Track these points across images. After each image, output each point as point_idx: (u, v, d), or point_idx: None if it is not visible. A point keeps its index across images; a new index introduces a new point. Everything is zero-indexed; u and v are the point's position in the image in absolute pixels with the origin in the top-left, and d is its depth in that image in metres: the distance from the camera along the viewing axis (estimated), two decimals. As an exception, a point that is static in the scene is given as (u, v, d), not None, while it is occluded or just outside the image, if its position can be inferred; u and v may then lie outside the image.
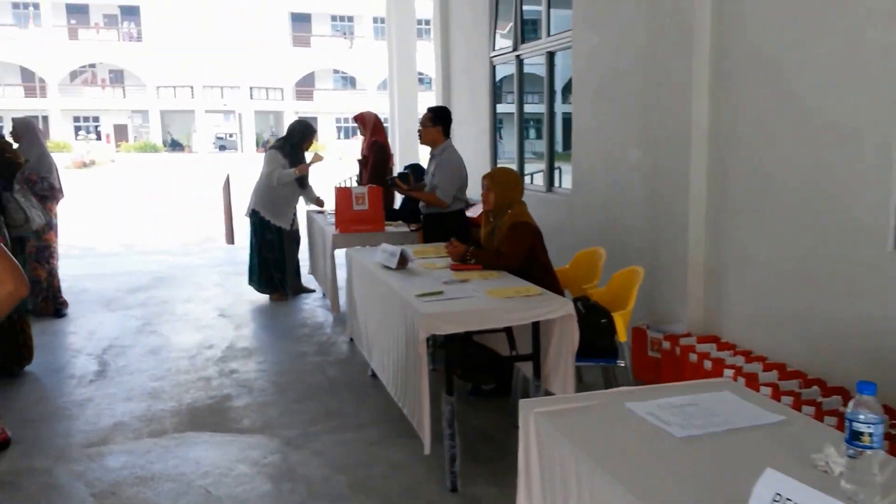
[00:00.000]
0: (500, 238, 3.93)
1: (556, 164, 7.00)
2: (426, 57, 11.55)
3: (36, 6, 40.47)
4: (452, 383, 3.20)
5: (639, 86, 4.91)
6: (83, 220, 13.58)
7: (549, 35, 6.67)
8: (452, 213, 5.28)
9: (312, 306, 6.72)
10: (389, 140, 7.59)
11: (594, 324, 3.45)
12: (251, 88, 44.11)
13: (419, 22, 12.76)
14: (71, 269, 8.12)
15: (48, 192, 6.12)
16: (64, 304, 6.46)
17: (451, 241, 4.19)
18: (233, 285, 7.58)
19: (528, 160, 7.67)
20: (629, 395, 2.19)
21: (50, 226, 6.25)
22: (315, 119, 42.44)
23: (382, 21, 14.67)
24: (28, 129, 6.26)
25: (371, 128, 7.00)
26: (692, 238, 4.26)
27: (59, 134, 39.84)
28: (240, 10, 42.05)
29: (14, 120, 6.41)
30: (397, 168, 8.57)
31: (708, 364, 3.70)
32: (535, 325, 3.34)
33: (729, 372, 3.55)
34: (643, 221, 4.83)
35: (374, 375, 4.43)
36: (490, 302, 3.29)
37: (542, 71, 6.96)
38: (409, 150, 10.66)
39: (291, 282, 6.98)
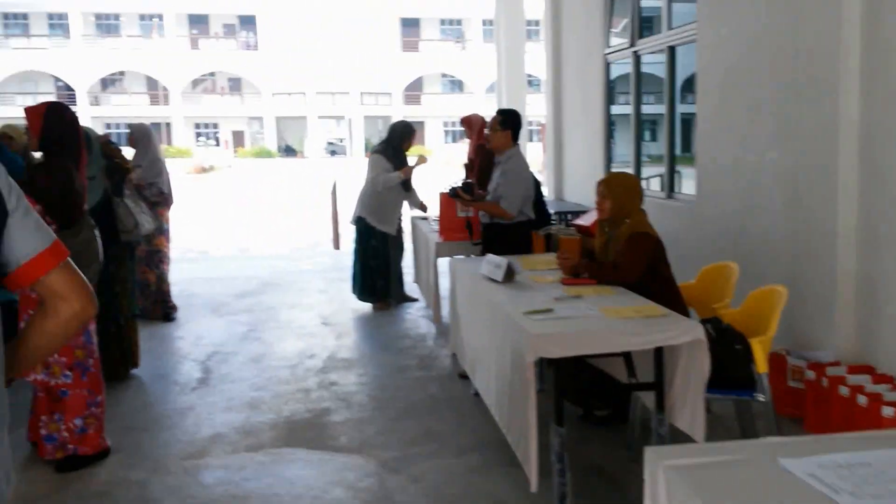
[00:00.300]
0: (617, 250, 3.57)
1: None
2: (535, 59, 11.21)
3: (160, 17, 42.79)
4: (562, 412, 2.88)
5: (774, 76, 4.40)
6: (200, 223, 14.03)
7: (669, 28, 6.20)
8: (515, 225, 4.94)
9: (415, 316, 6.53)
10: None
11: (727, 350, 3.03)
12: (361, 94, 45.01)
13: (528, 23, 12.42)
14: (184, 272, 8.30)
15: (158, 198, 6.22)
16: (173, 308, 6.55)
17: (561, 251, 3.86)
18: (337, 292, 7.50)
19: (642, 164, 7.20)
20: (782, 448, 1.80)
21: (161, 231, 6.35)
22: (422, 123, 42.82)
23: (492, 23, 14.43)
24: (144, 135, 6.40)
25: (478, 131, 6.73)
26: (841, 249, 3.74)
27: (180, 140, 41.97)
28: (351, 17, 42.98)
29: (131, 126, 6.58)
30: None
31: (862, 399, 3.19)
32: (659, 351, 2.96)
33: (888, 410, 3.05)
34: (781, 230, 4.32)
35: (477, 394, 4.15)
36: (607, 322, 2.94)
37: (656, 70, 6.50)
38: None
39: (395, 290, 6.82)
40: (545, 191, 7.49)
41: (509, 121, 5.03)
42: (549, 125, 9.30)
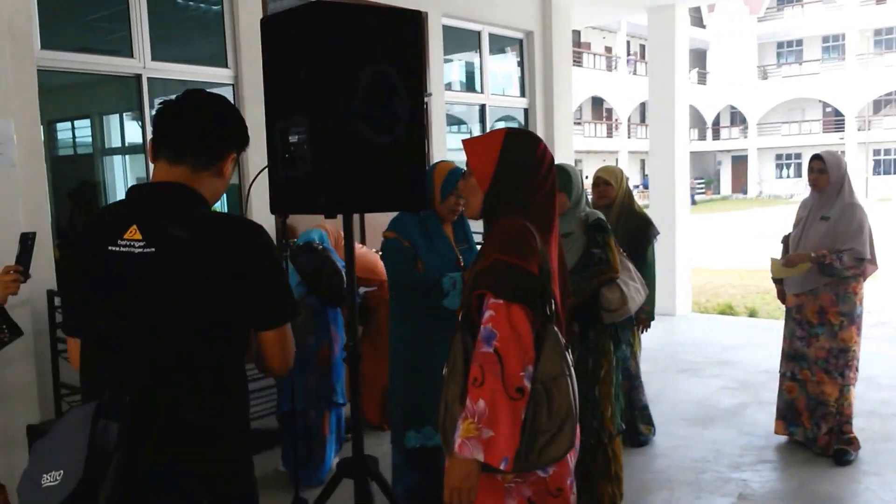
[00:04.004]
0: None
1: None
2: None
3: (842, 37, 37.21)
4: None
5: None
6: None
7: None
8: None
9: None
10: None
11: None
12: None
13: None
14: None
15: (854, 271, 3.94)
16: (852, 444, 4.15)
17: None
18: None
19: None
20: None
21: (852, 318, 4.07)
22: None
23: None
24: (839, 168, 4.16)
25: None
26: None
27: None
28: None
29: (824, 154, 4.31)
30: None
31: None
32: None
33: None
34: None
35: None
36: None
37: None
38: None
39: None
40: None
41: None
42: None
